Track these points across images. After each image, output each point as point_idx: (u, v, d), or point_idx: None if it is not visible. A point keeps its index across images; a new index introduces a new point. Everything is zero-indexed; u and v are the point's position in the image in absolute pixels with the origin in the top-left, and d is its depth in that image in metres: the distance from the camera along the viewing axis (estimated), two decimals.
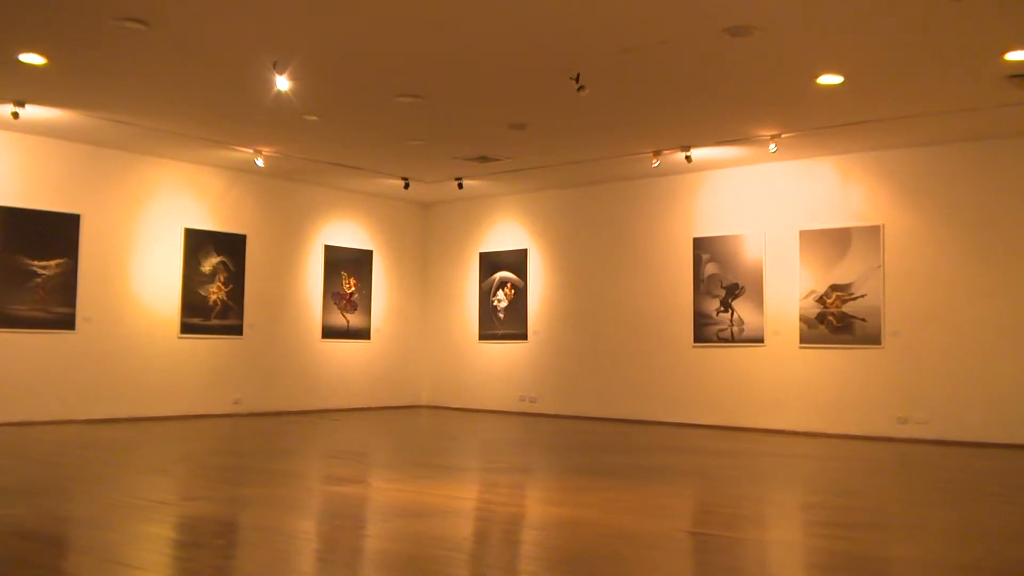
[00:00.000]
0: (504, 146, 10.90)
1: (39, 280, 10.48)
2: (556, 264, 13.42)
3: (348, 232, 13.93)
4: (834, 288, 10.74)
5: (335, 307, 13.65)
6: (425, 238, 15.08)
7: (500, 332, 13.90)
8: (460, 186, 12.94)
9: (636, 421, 12.14)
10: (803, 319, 10.94)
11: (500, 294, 13.96)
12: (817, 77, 8.03)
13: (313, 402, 13.22)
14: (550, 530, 5.16)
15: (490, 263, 14.15)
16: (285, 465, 7.71)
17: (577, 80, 7.99)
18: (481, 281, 14.23)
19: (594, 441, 9.99)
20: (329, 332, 13.52)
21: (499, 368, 13.88)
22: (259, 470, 7.37)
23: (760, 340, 11.29)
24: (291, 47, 7.55)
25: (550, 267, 13.48)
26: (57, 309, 10.62)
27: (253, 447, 9.06)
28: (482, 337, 14.13)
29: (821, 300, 10.81)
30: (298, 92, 8.56)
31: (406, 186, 13.01)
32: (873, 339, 10.43)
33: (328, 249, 13.60)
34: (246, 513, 5.55)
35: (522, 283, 13.71)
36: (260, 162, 11.50)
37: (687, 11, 6.65)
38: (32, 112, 9.43)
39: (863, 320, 10.51)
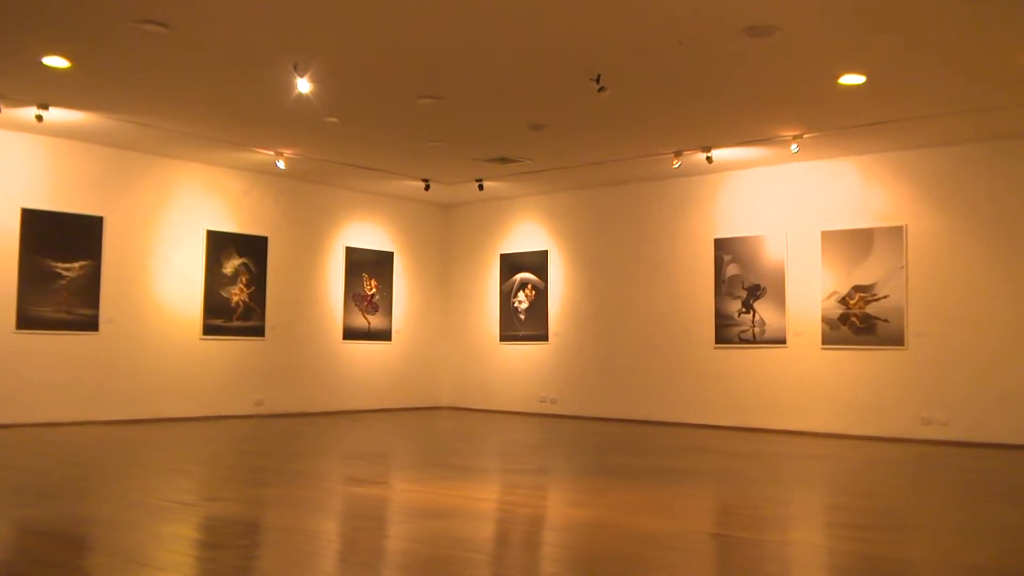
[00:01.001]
0: (524, 147, 10.90)
1: (63, 282, 10.57)
2: (577, 265, 13.40)
3: (369, 234, 13.97)
4: (856, 289, 10.66)
5: (356, 308, 13.69)
6: (445, 239, 15.10)
7: (521, 333, 13.90)
8: (480, 187, 12.96)
9: (657, 422, 12.11)
10: (825, 320, 10.87)
11: (521, 295, 13.96)
12: (839, 77, 7.97)
13: (334, 403, 13.27)
14: (570, 531, 5.16)
15: (510, 264, 14.16)
16: (306, 466, 7.74)
17: (598, 81, 7.97)
18: (502, 282, 14.24)
19: (614, 442, 9.97)
20: (350, 333, 13.57)
21: (519, 369, 13.88)
22: (281, 471, 7.41)
23: (782, 341, 11.23)
24: (312, 49, 7.58)
25: (571, 268, 13.46)
26: (80, 311, 10.71)
27: (275, 448, 9.10)
28: (503, 338, 14.13)
29: (843, 301, 10.74)
30: (318, 94, 8.60)
31: (427, 187, 13.04)
32: (896, 340, 10.35)
33: (349, 251, 13.65)
34: (268, 514, 5.58)
35: (543, 284, 13.70)
36: (281, 164, 11.55)
37: (706, 12, 6.62)
38: (55, 115, 9.52)
39: (886, 321, 10.43)
